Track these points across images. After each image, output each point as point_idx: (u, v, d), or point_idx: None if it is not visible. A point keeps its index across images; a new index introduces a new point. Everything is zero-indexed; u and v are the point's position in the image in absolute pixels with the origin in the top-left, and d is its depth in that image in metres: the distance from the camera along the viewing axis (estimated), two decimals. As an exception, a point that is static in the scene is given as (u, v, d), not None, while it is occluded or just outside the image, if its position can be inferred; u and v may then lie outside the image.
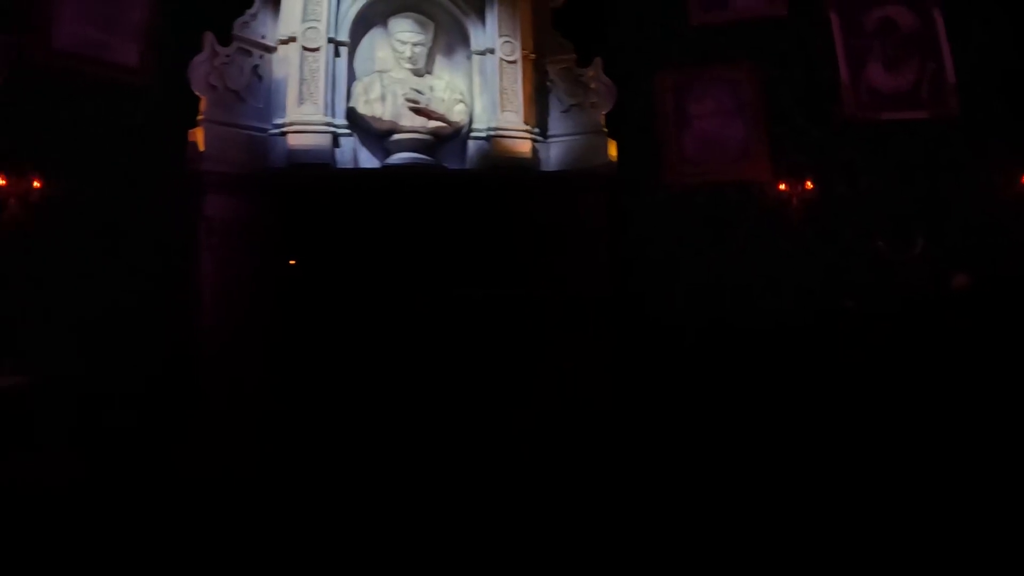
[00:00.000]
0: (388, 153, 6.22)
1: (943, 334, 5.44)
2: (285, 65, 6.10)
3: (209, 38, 5.85)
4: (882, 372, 5.27)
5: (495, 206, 6.27)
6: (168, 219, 5.61)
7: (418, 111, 6.22)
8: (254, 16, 6.20)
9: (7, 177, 5.15)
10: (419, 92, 6.28)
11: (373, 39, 6.47)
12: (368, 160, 6.20)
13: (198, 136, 5.63)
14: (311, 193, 5.87)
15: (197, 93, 5.75)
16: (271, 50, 6.19)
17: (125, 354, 5.25)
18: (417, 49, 6.43)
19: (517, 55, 6.60)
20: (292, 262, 5.92)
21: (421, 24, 6.48)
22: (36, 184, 5.18)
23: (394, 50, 6.42)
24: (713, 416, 5.46)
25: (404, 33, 6.42)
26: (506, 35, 6.60)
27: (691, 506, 4.02)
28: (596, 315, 6.37)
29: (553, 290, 6.29)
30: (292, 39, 6.12)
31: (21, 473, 4.38)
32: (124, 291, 5.40)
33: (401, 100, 6.21)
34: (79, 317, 5.22)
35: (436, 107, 6.30)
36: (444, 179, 6.21)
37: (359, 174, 6.04)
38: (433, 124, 6.26)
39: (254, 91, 6.05)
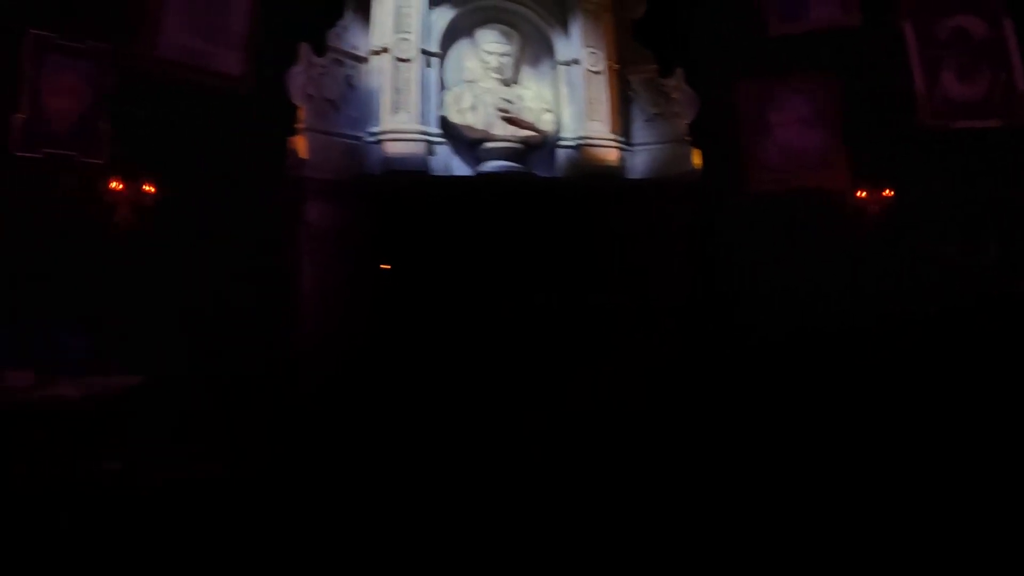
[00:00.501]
0: (479, 161, 6.29)
1: (1017, 340, 5.42)
2: (378, 75, 6.19)
3: (305, 49, 5.95)
4: (956, 378, 5.24)
5: (583, 213, 6.31)
6: (268, 223, 5.68)
7: (509, 120, 6.29)
8: (345, 28, 6.31)
9: (123, 182, 5.23)
10: (509, 102, 6.36)
11: (461, 50, 6.56)
12: (460, 168, 6.27)
13: (299, 144, 5.72)
14: (406, 199, 5.93)
15: (296, 102, 5.84)
16: (363, 60, 6.28)
17: (228, 353, 5.31)
18: (504, 59, 6.51)
19: (601, 65, 6.68)
20: (385, 267, 5.98)
21: (506, 35, 6.57)
22: (149, 188, 5.27)
23: (481, 61, 6.50)
24: (785, 421, 5.44)
25: (491, 44, 6.51)
26: (590, 46, 6.68)
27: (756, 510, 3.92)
28: (666, 320, 6.40)
29: (632, 295, 6.33)
30: (384, 50, 6.21)
31: (142, 469, 4.43)
32: (227, 292, 5.47)
33: (492, 109, 6.28)
34: (186, 317, 5.29)
35: (525, 116, 6.37)
36: (536, 187, 6.26)
37: (456, 181, 6.11)
38: (523, 133, 6.33)
39: (348, 100, 6.14)
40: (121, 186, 5.24)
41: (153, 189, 5.32)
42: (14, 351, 4.86)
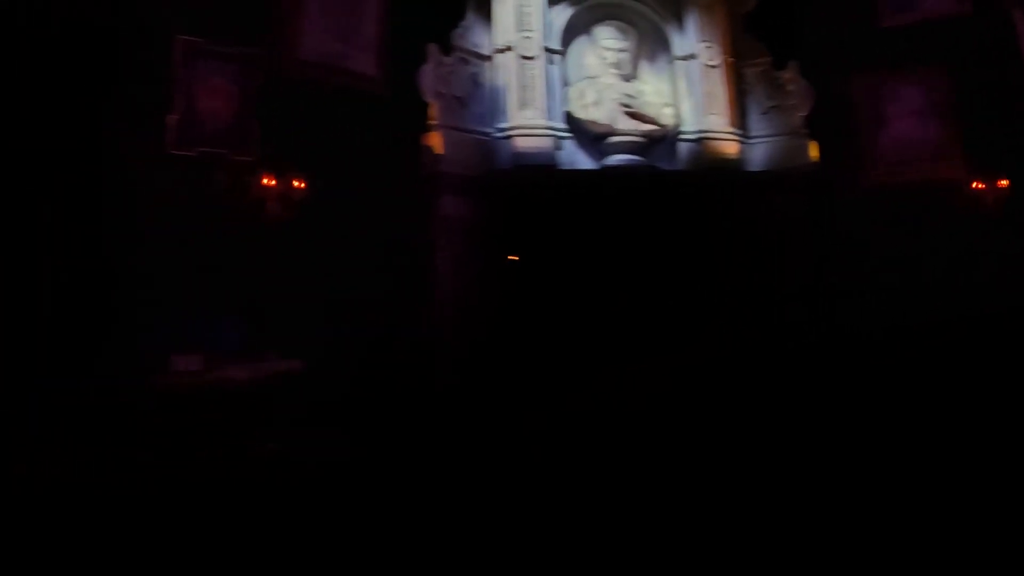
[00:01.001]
0: (603, 155, 6.37)
1: None
2: (503, 72, 6.31)
3: (433, 49, 6.10)
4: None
5: (703, 205, 6.36)
6: (405, 216, 5.82)
7: (632, 115, 6.37)
8: (468, 28, 6.45)
9: (271, 177, 5.42)
10: (630, 97, 6.44)
11: (580, 47, 6.66)
12: (584, 162, 6.35)
13: (434, 140, 5.86)
14: (536, 193, 6.03)
15: (428, 100, 5.99)
16: (486, 59, 6.41)
17: (370, 339, 5.46)
18: (622, 55, 6.59)
19: (718, 59, 6.72)
20: (513, 257, 6.09)
21: (623, 31, 6.66)
22: (298, 184, 5.45)
23: (600, 57, 6.59)
24: (899, 417, 5.36)
25: (608, 40, 6.60)
26: (706, 40, 6.73)
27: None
28: (781, 311, 6.39)
29: (749, 285, 6.35)
30: (508, 48, 6.34)
31: (301, 449, 4.56)
32: (367, 281, 5.60)
33: (614, 105, 6.36)
34: (330, 305, 5.44)
35: (647, 111, 6.44)
36: (660, 180, 6.32)
37: (583, 175, 6.20)
38: (646, 127, 6.40)
39: (475, 97, 6.27)
40: (271, 182, 5.42)
41: (300, 184, 5.50)
42: (176, 339, 5.06)
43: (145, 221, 5.21)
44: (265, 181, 5.43)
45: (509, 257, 6.08)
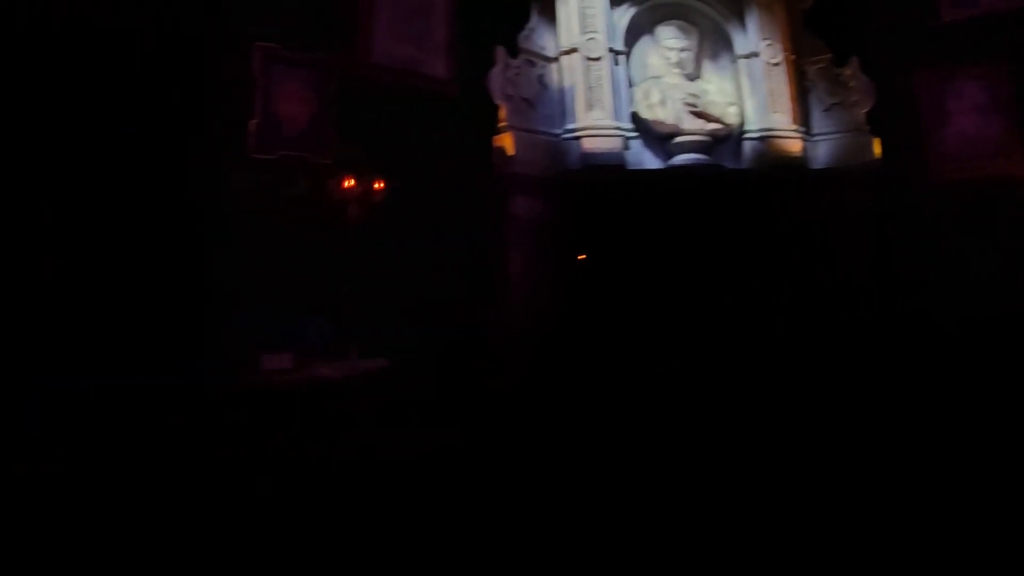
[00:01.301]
0: (669, 155, 6.42)
1: None
2: (569, 74, 6.39)
3: (501, 52, 6.19)
4: None
5: (769, 204, 6.40)
6: (477, 216, 5.92)
7: (697, 114, 6.41)
8: (533, 30, 6.53)
9: (351, 180, 5.54)
10: (695, 96, 6.48)
11: (644, 47, 6.71)
12: (651, 161, 6.41)
13: (506, 141, 5.95)
14: (603, 192, 6.11)
15: (497, 102, 6.08)
16: (551, 60, 6.49)
17: (445, 337, 5.57)
18: (684, 54, 6.64)
19: (780, 57, 6.75)
20: (581, 256, 6.17)
21: (685, 31, 6.70)
22: (378, 185, 5.57)
23: (663, 57, 6.64)
24: (967, 413, 5.35)
25: (670, 40, 6.65)
26: (767, 38, 6.76)
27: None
28: (847, 309, 6.41)
29: (815, 283, 6.38)
30: (574, 50, 6.41)
31: (393, 444, 4.67)
32: (442, 280, 5.71)
33: (679, 104, 6.41)
34: (407, 305, 5.55)
35: (711, 110, 6.49)
36: (726, 179, 6.37)
37: (651, 175, 6.26)
38: (711, 126, 6.45)
39: (542, 99, 6.35)
40: (351, 184, 5.54)
41: (379, 186, 5.61)
42: (260, 338, 5.20)
43: (231, 223, 5.34)
44: (345, 183, 5.54)
45: (578, 256, 6.16)
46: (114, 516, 3.45)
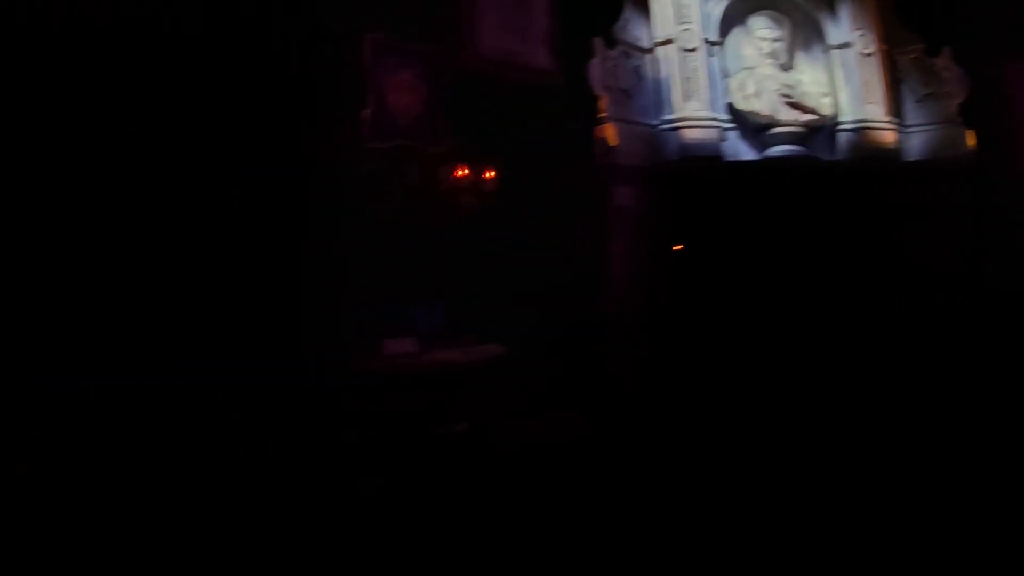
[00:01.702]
0: (764, 145, 6.49)
1: None
2: (665, 65, 6.46)
3: (599, 43, 6.28)
4: None
5: (863, 195, 6.47)
6: (580, 206, 6.05)
7: (792, 105, 6.47)
8: (628, 21, 6.60)
9: (463, 169, 5.70)
10: (789, 87, 6.54)
11: (737, 37, 6.76)
12: (747, 152, 6.49)
13: (608, 132, 6.06)
14: (701, 183, 6.21)
15: (598, 93, 6.18)
16: (647, 51, 6.57)
17: (551, 323, 5.73)
18: (776, 45, 6.69)
19: (872, 47, 6.77)
20: (678, 247, 6.29)
21: (777, 21, 6.74)
22: (489, 175, 5.73)
23: (756, 47, 6.70)
24: None
25: (763, 30, 6.70)
26: (860, 28, 6.79)
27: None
28: (941, 300, 6.46)
29: (909, 275, 6.43)
30: (669, 41, 6.48)
31: (521, 431, 4.85)
32: (546, 269, 5.86)
33: (774, 95, 6.47)
34: (515, 292, 5.71)
35: (806, 101, 6.54)
36: (821, 170, 6.44)
37: (748, 166, 6.34)
38: (806, 117, 6.51)
39: (639, 89, 6.44)
40: (464, 173, 5.70)
41: (489, 176, 5.77)
42: (377, 324, 5.40)
43: (347, 211, 5.53)
44: (458, 173, 5.70)
45: (675, 247, 6.28)
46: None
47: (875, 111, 6.63)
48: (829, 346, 6.03)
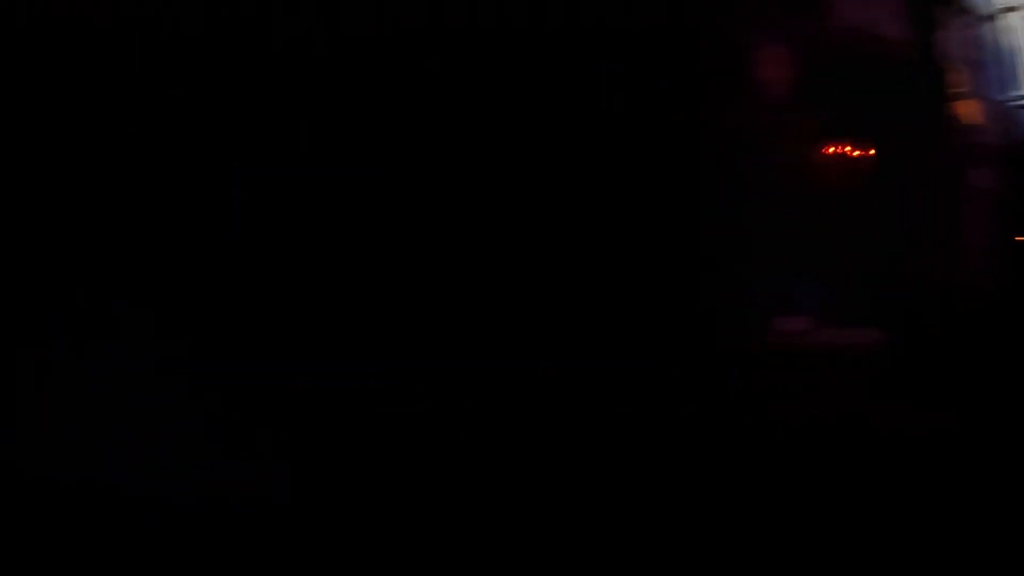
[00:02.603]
0: (1113, 123, 6.40)
1: None
2: (1012, 35, 6.33)
3: (945, 12, 6.15)
4: None
5: None
6: (933, 185, 6.07)
7: None
8: (969, -14, 6.43)
9: (833, 146, 5.75)
10: None
11: (1079, 5, 6.56)
12: (1094, 130, 6.40)
13: (967, 108, 6.02)
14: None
15: (949, 66, 6.11)
16: (988, 20, 6.42)
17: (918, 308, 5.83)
18: (1118, 13, 6.49)
19: None
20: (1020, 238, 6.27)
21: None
22: (861, 152, 5.77)
23: (1098, 16, 6.50)
24: None
25: (1104, -4, 6.48)
26: None
27: None
28: None
29: None
30: (1013, 8, 6.32)
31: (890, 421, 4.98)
32: (906, 250, 5.94)
33: (1126, 68, 6.33)
34: (882, 273, 5.82)
35: None
36: None
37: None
38: None
39: (985, 62, 6.34)
40: (838, 150, 5.76)
41: (862, 153, 5.82)
42: (770, 302, 5.58)
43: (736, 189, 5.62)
44: (832, 149, 5.75)
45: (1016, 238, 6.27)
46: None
47: None
48: None
